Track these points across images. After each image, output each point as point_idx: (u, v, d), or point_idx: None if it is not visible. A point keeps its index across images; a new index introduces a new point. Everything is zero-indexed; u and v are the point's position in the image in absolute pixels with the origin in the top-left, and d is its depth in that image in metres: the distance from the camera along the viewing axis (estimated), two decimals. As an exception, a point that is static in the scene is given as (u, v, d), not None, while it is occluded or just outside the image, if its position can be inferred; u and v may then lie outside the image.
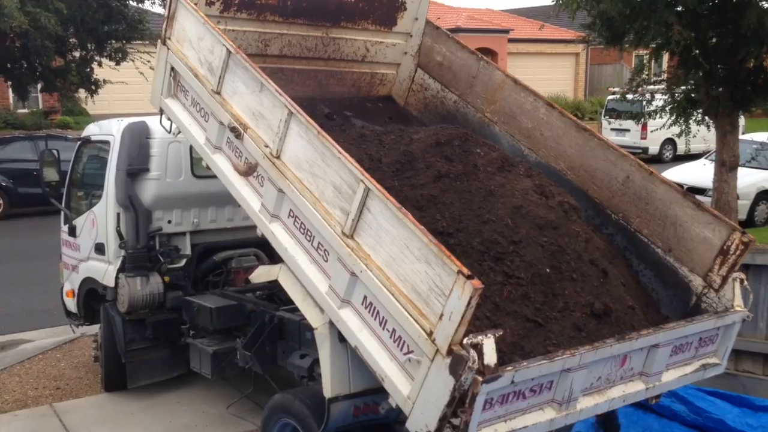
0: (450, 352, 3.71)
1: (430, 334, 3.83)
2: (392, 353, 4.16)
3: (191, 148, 7.47)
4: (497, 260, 4.62)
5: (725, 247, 4.94)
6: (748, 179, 13.96)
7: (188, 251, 7.50)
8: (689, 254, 5.14)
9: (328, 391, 4.72)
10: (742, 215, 13.91)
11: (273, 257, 8.08)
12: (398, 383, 4.08)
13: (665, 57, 11.87)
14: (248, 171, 5.41)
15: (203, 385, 7.49)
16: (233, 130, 5.41)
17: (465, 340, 3.68)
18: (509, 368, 3.80)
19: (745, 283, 4.97)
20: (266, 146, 5.12)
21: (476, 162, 5.40)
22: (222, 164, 5.66)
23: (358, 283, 4.37)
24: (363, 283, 4.32)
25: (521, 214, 4.89)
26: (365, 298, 4.34)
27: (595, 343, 4.24)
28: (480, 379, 3.65)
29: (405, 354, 4.04)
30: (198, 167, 7.59)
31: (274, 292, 7.52)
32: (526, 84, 6.36)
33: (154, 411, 7.10)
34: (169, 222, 7.38)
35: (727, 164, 10.28)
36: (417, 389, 3.93)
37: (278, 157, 5.01)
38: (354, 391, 4.76)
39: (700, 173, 14.76)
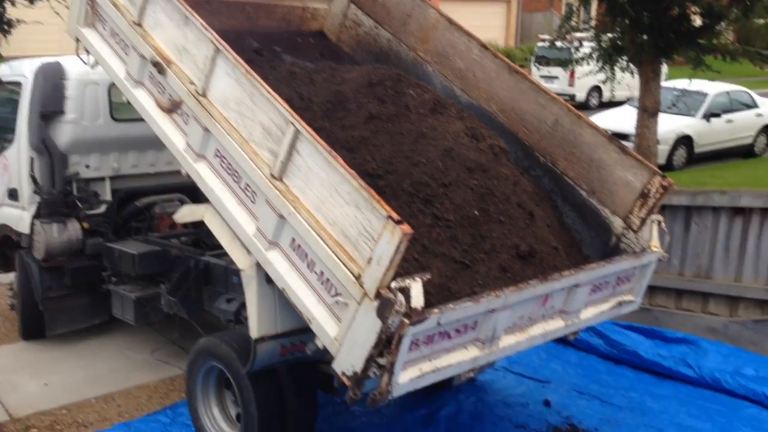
0: (378, 295, 3.72)
1: (358, 277, 3.82)
2: (320, 295, 4.14)
3: (110, 90, 7.20)
4: (426, 202, 4.62)
5: (645, 191, 5.07)
6: (668, 125, 14.40)
7: (108, 197, 7.29)
8: (611, 197, 5.25)
9: (254, 332, 4.67)
10: (662, 160, 14.38)
11: (199, 202, 7.94)
12: (326, 325, 4.08)
13: (594, 4, 11.95)
14: (172, 108, 5.19)
15: (127, 331, 7.37)
16: (155, 65, 5.17)
17: (393, 284, 3.69)
18: (435, 311, 3.83)
19: (663, 225, 5.12)
20: (191, 83, 4.92)
21: (408, 103, 5.34)
22: (144, 100, 5.42)
23: (286, 225, 4.30)
24: (291, 226, 4.25)
25: (452, 156, 4.88)
26: (293, 240, 4.28)
27: (519, 284, 4.30)
28: (407, 321, 3.67)
29: (333, 296, 4.03)
30: (117, 110, 7.32)
31: (199, 237, 7.41)
32: (460, 24, 6.26)
33: (76, 357, 6.96)
34: (87, 167, 7.14)
35: (649, 110, 10.53)
36: (344, 331, 3.93)
37: (204, 95, 4.84)
38: (281, 331, 4.72)
39: (623, 119, 15.14)
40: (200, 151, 4.95)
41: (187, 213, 5.56)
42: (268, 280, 4.56)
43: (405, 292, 3.69)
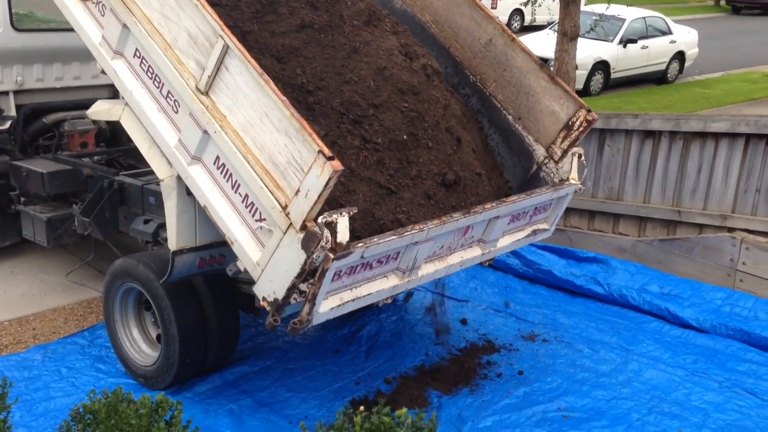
0: (303, 227, 3.68)
1: (284, 207, 3.75)
2: (243, 218, 4.05)
3: None
4: (356, 123, 4.53)
5: (570, 123, 5.10)
6: (586, 50, 14.58)
7: (12, 112, 6.89)
8: (536, 125, 5.27)
9: (173, 244, 4.56)
10: (579, 85, 14.63)
11: (111, 122, 7.62)
12: (248, 249, 4.01)
13: None
14: None
15: (39, 254, 7.13)
16: None
17: (320, 219, 3.64)
18: (360, 245, 3.82)
19: (583, 158, 5.20)
20: None
21: (342, 13, 5.11)
22: None
23: (210, 142, 4.12)
24: (216, 144, 4.08)
25: (384, 76, 4.76)
26: (218, 158, 4.12)
27: (442, 218, 4.31)
28: (331, 256, 3.65)
29: (257, 221, 3.95)
30: (19, 20, 6.86)
31: (113, 157, 7.16)
32: None
33: (-14, 282, 6.71)
34: None
35: (568, 34, 10.58)
36: (267, 257, 3.89)
37: None
38: (200, 244, 4.63)
39: (543, 43, 15.23)
40: (118, 48, 4.60)
41: (102, 109, 5.13)
42: (189, 192, 4.41)
43: (331, 226, 3.66)
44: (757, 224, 6.61)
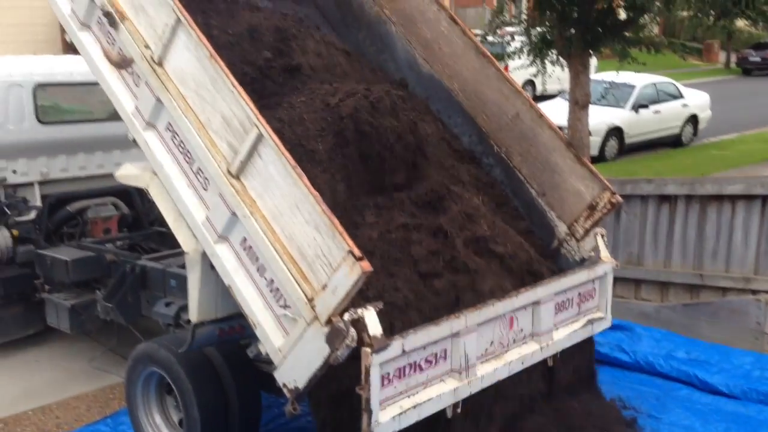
0: (329, 322, 3.67)
1: (310, 300, 3.74)
2: (267, 302, 4.05)
3: (35, 92, 6.99)
4: None
5: (594, 203, 5.11)
6: (599, 117, 14.78)
7: (38, 202, 7.08)
8: (560, 202, 5.28)
9: (194, 316, 4.57)
10: (594, 151, 14.76)
11: (133, 206, 7.80)
12: (271, 334, 4.00)
13: (524, -1, 12.18)
14: (122, 63, 4.81)
15: (63, 341, 7.18)
16: (107, 15, 4.76)
17: (346, 316, 3.65)
18: (397, 337, 3.80)
19: (605, 238, 5.22)
20: (146, 47, 4.56)
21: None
22: (89, 46, 5.03)
23: (238, 224, 4.14)
24: (244, 227, 4.10)
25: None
26: (245, 240, 4.13)
27: (477, 305, 4.29)
28: (369, 351, 3.63)
29: (282, 307, 3.95)
30: (44, 113, 7.13)
31: (135, 241, 7.28)
32: None
33: (10, 371, 6.75)
34: (14, 172, 6.93)
35: (579, 102, 10.78)
36: (290, 345, 3.87)
37: (160, 65, 4.49)
38: (220, 316, 4.65)
39: (555, 111, 15.47)
40: (150, 120, 4.65)
41: (130, 174, 5.08)
42: (212, 266, 4.40)
43: (358, 324, 3.67)
44: (781, 285, 6.55)
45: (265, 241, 3.95)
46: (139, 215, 7.85)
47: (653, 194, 7.26)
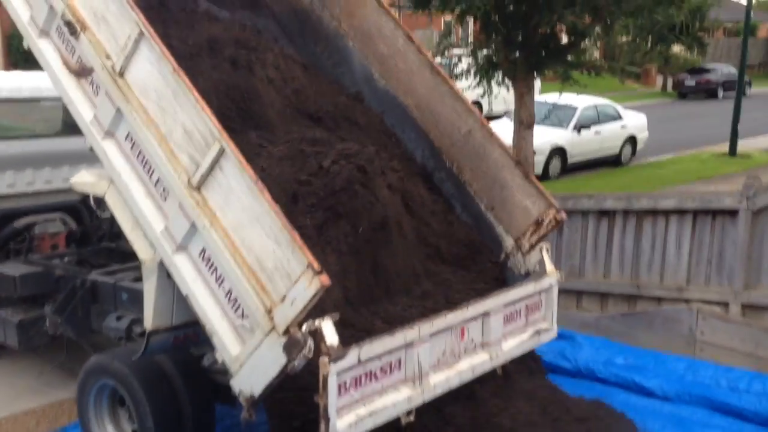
0: (287, 332, 3.76)
1: (269, 310, 3.82)
2: (225, 311, 4.11)
3: (-22, 107, 6.95)
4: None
5: (540, 220, 5.34)
6: (543, 137, 15.21)
7: None
8: (508, 217, 5.49)
9: (149, 324, 4.58)
10: (539, 170, 15.17)
11: (81, 222, 7.76)
12: (228, 343, 4.07)
13: (471, 22, 12.52)
14: (81, 72, 4.79)
15: (10, 358, 7.07)
16: (68, 24, 4.74)
17: (304, 327, 3.75)
18: (354, 347, 3.93)
19: (550, 252, 5.47)
20: (108, 57, 4.55)
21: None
22: (48, 54, 5.01)
23: (197, 234, 4.18)
24: (203, 238, 4.14)
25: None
26: (204, 251, 4.18)
27: (430, 317, 4.48)
28: (326, 360, 3.75)
29: (239, 317, 4.02)
30: (-12, 128, 7.08)
31: (83, 257, 7.25)
32: (388, 8, 6.14)
33: (-44, 387, 6.63)
34: None
35: (524, 122, 11.12)
36: (247, 354, 3.95)
37: (121, 75, 4.50)
38: (176, 324, 4.67)
39: (501, 132, 15.82)
40: (110, 129, 4.65)
41: (86, 182, 5.00)
42: (168, 275, 4.44)
43: (316, 334, 3.77)
44: (711, 294, 6.91)
45: (224, 252, 4.01)
46: (87, 231, 7.80)
47: (593, 209, 7.57)
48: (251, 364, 3.95)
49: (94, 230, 7.77)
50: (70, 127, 7.55)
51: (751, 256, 6.79)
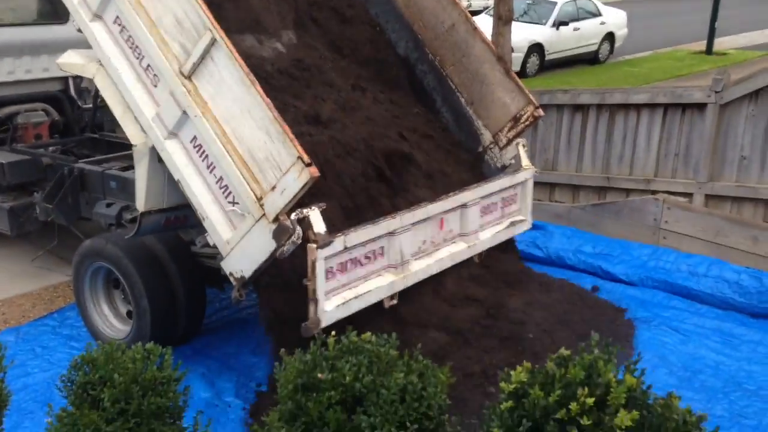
0: (276, 220, 3.94)
1: (259, 198, 3.97)
2: (216, 197, 4.25)
3: (-41, -10, 6.83)
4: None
5: (518, 116, 5.52)
6: (521, 34, 15.16)
7: None
8: (487, 112, 5.65)
9: (141, 206, 4.70)
10: (516, 67, 15.20)
11: (63, 113, 7.79)
12: (219, 227, 4.23)
13: None
14: None
15: (2, 244, 7.27)
16: None
17: (293, 215, 3.92)
18: (339, 234, 4.14)
19: (526, 147, 5.66)
20: None
21: None
22: None
23: (189, 122, 4.25)
24: (195, 126, 4.21)
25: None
26: (195, 138, 4.26)
27: (411, 207, 4.70)
28: (314, 246, 3.95)
29: (230, 203, 4.17)
30: (-33, 13, 6.99)
31: (68, 148, 7.35)
32: None
33: (-50, 272, 6.84)
34: None
35: (503, 18, 11.04)
36: (237, 238, 4.14)
37: None
38: (167, 206, 4.79)
39: (480, 27, 15.72)
40: (98, 11, 4.63)
41: (74, 63, 4.92)
42: (160, 159, 4.52)
43: (304, 222, 3.95)
44: (677, 186, 7.23)
45: (215, 141, 4.12)
46: (70, 121, 7.86)
47: (568, 104, 7.75)
48: (242, 247, 4.15)
49: (76, 121, 7.84)
50: (46, 15, 7.51)
51: (717, 148, 7.07)
